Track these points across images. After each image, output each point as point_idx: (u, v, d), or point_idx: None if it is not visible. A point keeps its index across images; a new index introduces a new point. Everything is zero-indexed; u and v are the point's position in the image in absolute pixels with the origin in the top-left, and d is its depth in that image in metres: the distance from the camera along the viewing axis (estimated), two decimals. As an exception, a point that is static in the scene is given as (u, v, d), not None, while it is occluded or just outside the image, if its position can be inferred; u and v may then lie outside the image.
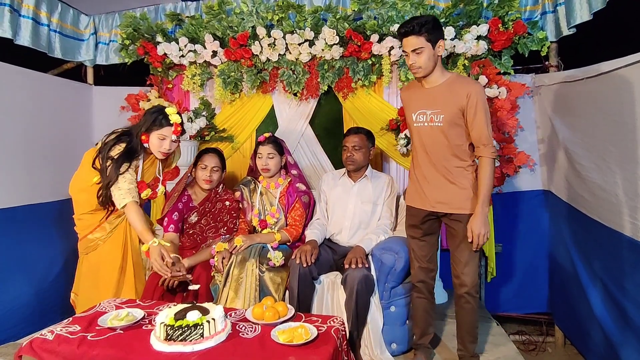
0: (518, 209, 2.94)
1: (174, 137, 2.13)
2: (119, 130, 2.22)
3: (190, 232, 2.47)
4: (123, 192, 2.05)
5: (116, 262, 2.26)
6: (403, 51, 1.90)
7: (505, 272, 2.97)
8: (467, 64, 2.70)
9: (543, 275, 2.94)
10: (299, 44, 2.80)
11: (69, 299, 2.41)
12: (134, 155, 2.13)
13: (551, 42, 2.72)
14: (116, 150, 2.10)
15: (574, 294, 2.50)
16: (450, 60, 2.75)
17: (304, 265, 2.09)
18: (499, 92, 2.65)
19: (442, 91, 1.90)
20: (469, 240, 1.88)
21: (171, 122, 2.11)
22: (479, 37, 2.65)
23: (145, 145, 2.14)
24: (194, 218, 2.47)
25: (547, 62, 2.77)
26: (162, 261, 1.99)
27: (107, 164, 2.08)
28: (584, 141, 2.26)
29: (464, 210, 1.92)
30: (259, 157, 2.48)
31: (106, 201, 2.12)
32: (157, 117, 2.10)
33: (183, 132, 2.18)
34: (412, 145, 2.07)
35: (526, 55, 2.69)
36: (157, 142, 2.11)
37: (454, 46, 2.66)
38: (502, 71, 2.70)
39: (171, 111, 2.14)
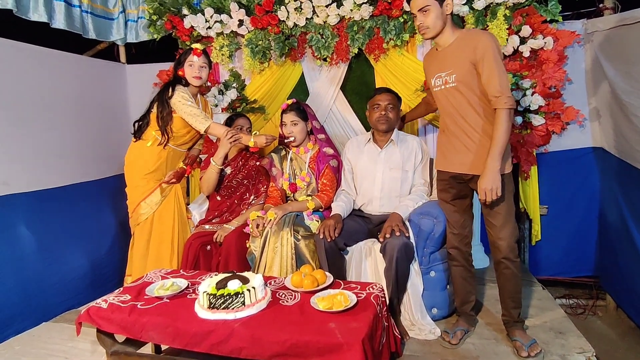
0: (566, 168, 2.76)
1: (195, 58, 2.35)
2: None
3: (226, 183, 2.63)
4: (200, 117, 2.30)
5: (167, 228, 2.44)
6: (411, 13, 1.89)
7: (551, 235, 2.84)
8: (508, 14, 2.48)
9: (591, 237, 2.79)
10: (327, 6, 2.69)
11: (120, 269, 2.57)
12: (179, 84, 2.37)
13: (607, -20, 2.45)
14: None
15: (626, 257, 2.36)
16: (489, 11, 2.54)
17: (328, 240, 2.08)
18: (545, 43, 2.44)
19: (452, 51, 1.87)
20: (479, 197, 1.82)
21: (192, 47, 2.40)
22: (522, -19, 2.42)
23: (184, 80, 2.38)
24: (227, 170, 2.64)
25: (601, 5, 2.51)
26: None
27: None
28: (642, 91, 2.06)
29: None
30: (283, 125, 2.49)
31: (165, 126, 2.37)
32: (183, 53, 2.44)
33: (205, 53, 2.42)
34: (439, 110, 2.04)
35: (577, -1, 2.45)
36: (189, 70, 2.37)
37: (494, -6, 2.46)
38: (548, 19, 2.46)
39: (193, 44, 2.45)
